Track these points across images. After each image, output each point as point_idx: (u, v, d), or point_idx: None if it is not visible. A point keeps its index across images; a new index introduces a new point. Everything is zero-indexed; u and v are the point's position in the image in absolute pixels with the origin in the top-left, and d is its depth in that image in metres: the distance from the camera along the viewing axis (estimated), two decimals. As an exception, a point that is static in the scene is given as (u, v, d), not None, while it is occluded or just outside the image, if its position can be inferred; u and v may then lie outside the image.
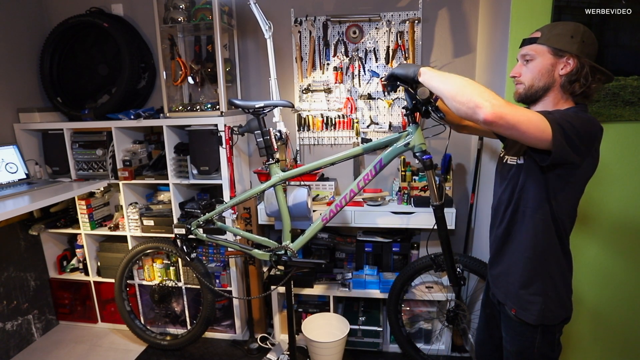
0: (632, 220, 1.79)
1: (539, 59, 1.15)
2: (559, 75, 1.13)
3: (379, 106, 2.33)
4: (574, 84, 1.12)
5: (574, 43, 1.10)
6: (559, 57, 1.12)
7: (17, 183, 2.25)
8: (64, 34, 2.42)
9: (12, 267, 2.38)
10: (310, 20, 2.28)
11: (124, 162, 2.35)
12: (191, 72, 2.33)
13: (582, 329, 1.90)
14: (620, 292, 1.85)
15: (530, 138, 1.02)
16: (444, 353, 2.27)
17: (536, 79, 1.16)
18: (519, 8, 1.65)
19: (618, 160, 1.73)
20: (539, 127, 1.00)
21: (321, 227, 1.74)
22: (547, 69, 1.14)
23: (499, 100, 0.99)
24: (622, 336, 1.90)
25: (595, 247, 1.82)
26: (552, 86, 1.15)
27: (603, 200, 1.77)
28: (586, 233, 1.81)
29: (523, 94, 1.20)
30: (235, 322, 2.46)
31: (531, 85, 1.17)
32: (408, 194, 2.20)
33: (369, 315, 2.36)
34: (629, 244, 1.81)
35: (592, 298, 1.86)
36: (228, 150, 2.15)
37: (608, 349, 1.92)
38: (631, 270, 1.82)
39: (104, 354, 2.38)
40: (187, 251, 1.99)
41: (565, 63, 1.12)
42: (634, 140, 1.72)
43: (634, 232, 1.79)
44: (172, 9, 2.17)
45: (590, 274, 1.84)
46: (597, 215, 1.79)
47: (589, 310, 1.87)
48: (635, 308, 1.86)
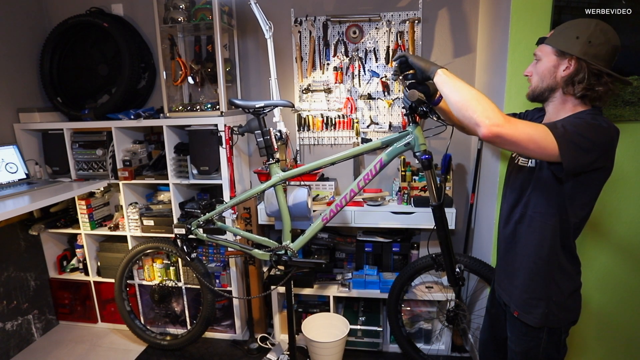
0: (632, 220, 1.79)
1: (544, 60, 1.15)
2: (560, 76, 1.12)
3: (379, 106, 2.33)
4: (574, 86, 1.10)
5: (577, 44, 1.07)
6: (562, 58, 1.11)
7: (17, 183, 2.25)
8: (64, 34, 2.42)
9: (12, 267, 2.38)
10: (310, 20, 2.28)
11: (124, 162, 2.35)
12: (191, 72, 2.33)
13: (588, 331, 1.90)
14: (624, 294, 1.85)
15: (533, 154, 1.03)
16: (444, 353, 2.27)
17: (541, 79, 1.16)
18: (519, 8, 1.65)
19: (618, 160, 1.73)
20: (540, 144, 0.99)
21: (321, 227, 1.74)
22: (549, 70, 1.13)
23: (500, 119, 0.98)
24: (626, 337, 1.90)
25: (596, 249, 1.82)
26: (556, 87, 1.14)
27: (603, 200, 1.77)
28: (586, 235, 1.81)
29: (530, 93, 1.20)
30: (235, 322, 2.46)
31: (537, 85, 1.17)
32: (408, 194, 2.21)
33: (369, 315, 2.36)
34: (629, 245, 1.81)
35: (597, 300, 1.86)
36: (228, 150, 2.15)
37: (612, 349, 1.92)
38: (635, 272, 1.82)
39: (104, 354, 2.38)
40: (187, 251, 1.99)
41: (567, 64, 1.10)
42: (634, 140, 1.72)
43: (635, 235, 1.79)
44: (172, 9, 2.17)
45: (595, 276, 1.84)
46: (597, 215, 1.79)
47: (594, 313, 1.87)
48: (638, 310, 1.86)
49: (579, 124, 1.04)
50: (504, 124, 0.98)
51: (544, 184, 1.15)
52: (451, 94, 1.09)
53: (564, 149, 0.99)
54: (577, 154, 1.00)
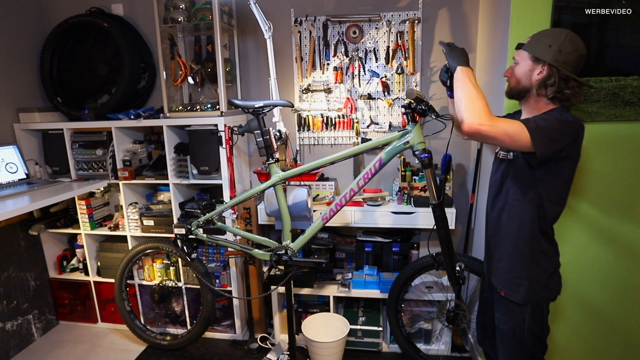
0: (632, 222, 1.78)
1: (522, 64, 1.30)
2: (535, 79, 1.27)
3: (379, 106, 2.33)
4: (546, 89, 1.25)
5: (549, 52, 1.22)
6: (537, 63, 1.26)
7: (17, 183, 2.25)
8: (64, 34, 2.43)
9: (12, 267, 2.38)
10: (310, 20, 2.28)
11: (124, 162, 2.35)
12: (191, 72, 2.33)
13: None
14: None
15: (509, 146, 1.20)
16: (444, 353, 2.27)
17: (517, 81, 1.32)
18: (519, 8, 1.65)
19: (618, 160, 1.73)
20: (514, 138, 1.16)
21: (321, 226, 1.74)
22: (526, 73, 1.29)
23: (483, 119, 1.15)
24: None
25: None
26: (531, 89, 1.29)
27: (603, 200, 1.77)
28: (588, 232, 1.81)
29: (508, 92, 1.37)
30: (235, 322, 2.46)
31: (514, 86, 1.33)
32: (408, 194, 2.21)
33: (369, 315, 2.36)
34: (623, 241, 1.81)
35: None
36: (228, 150, 2.15)
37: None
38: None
39: (104, 354, 2.38)
40: (187, 251, 1.99)
41: (540, 69, 1.25)
42: (634, 140, 1.71)
43: (635, 240, 1.79)
44: (172, 9, 2.17)
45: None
46: (597, 215, 1.79)
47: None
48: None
49: (548, 119, 1.21)
50: (484, 123, 1.15)
51: (520, 174, 1.31)
52: (457, 89, 1.26)
53: (536, 139, 1.16)
54: (547, 143, 1.16)
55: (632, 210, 1.77)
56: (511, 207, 1.35)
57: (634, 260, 1.82)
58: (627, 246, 1.81)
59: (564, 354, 1.95)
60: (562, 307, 1.90)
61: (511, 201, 1.34)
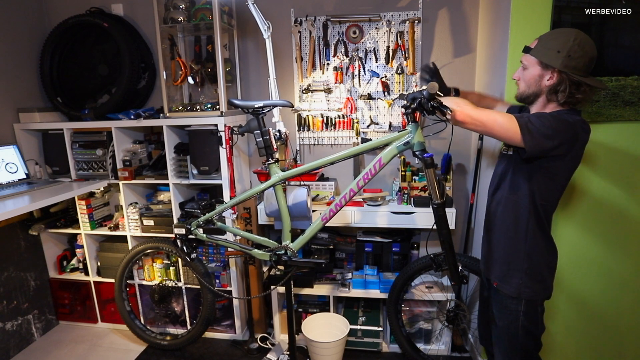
0: (630, 221, 1.78)
1: (530, 69, 1.29)
2: (545, 85, 1.26)
3: (379, 106, 2.33)
4: (557, 94, 1.25)
5: (558, 58, 1.20)
6: (546, 69, 1.25)
7: (17, 183, 2.25)
8: (64, 34, 2.42)
9: (12, 267, 2.38)
10: (310, 20, 2.28)
11: (124, 162, 2.35)
12: (191, 72, 2.33)
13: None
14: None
15: (502, 137, 1.22)
16: (444, 353, 2.27)
17: (527, 86, 1.31)
18: (519, 8, 1.65)
19: (618, 161, 1.73)
20: (504, 127, 1.18)
21: (321, 226, 1.74)
22: (535, 79, 1.28)
23: (473, 111, 1.20)
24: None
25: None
26: (540, 94, 1.29)
27: (602, 200, 1.77)
28: (587, 230, 1.81)
29: (518, 96, 1.36)
30: (235, 322, 2.46)
31: (524, 91, 1.33)
32: (408, 194, 2.20)
33: (369, 315, 2.35)
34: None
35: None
36: (228, 150, 2.15)
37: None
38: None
39: (104, 354, 2.38)
40: (187, 251, 1.99)
41: (550, 75, 1.24)
42: (634, 140, 1.72)
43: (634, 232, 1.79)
44: (172, 9, 2.17)
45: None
46: (595, 215, 1.79)
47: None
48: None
49: (543, 116, 1.21)
50: (475, 113, 1.20)
51: (517, 170, 1.33)
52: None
53: (526, 134, 1.17)
54: (537, 139, 1.17)
55: (629, 210, 1.77)
56: (507, 201, 1.37)
57: (631, 260, 1.82)
58: (625, 246, 1.81)
59: (559, 351, 1.95)
60: (557, 306, 1.90)
61: (507, 195, 1.37)
